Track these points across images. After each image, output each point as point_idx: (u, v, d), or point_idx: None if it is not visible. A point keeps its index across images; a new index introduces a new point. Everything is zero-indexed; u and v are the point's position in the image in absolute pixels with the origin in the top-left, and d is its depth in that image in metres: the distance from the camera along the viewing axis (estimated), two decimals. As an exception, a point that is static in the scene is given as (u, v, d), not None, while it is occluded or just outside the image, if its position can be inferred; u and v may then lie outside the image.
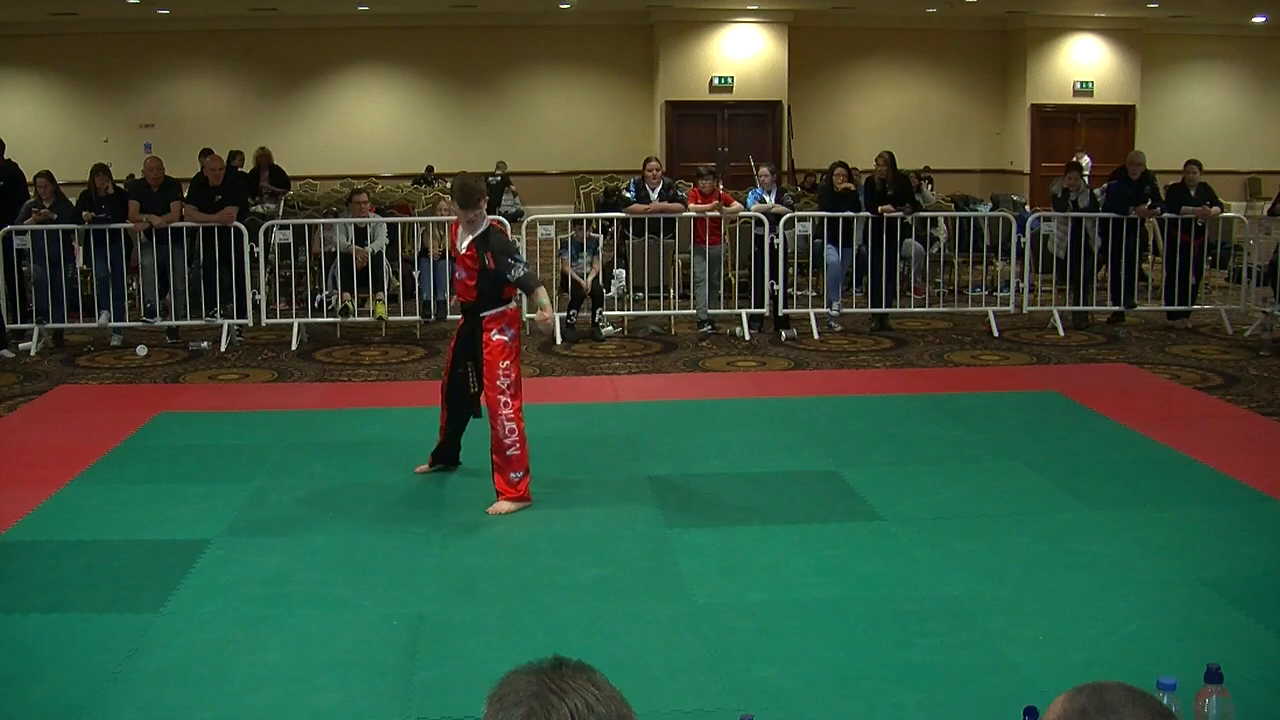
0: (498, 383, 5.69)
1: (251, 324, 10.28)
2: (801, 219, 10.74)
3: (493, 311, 5.78)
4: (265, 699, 3.80)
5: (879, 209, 10.59)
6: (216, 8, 19.42)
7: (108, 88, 20.47)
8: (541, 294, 5.79)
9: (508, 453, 5.68)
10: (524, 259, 5.89)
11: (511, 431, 5.68)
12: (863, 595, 4.63)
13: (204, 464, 6.43)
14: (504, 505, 5.70)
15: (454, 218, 6.06)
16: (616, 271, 10.79)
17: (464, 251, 5.77)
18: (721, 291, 10.97)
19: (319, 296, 10.49)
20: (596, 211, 13.73)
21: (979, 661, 4.04)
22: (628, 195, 10.80)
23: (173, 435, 7.06)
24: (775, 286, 10.50)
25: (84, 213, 9.91)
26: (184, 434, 7.08)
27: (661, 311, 10.83)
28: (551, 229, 10.80)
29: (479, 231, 5.76)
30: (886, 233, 10.64)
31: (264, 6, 19.25)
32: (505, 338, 5.75)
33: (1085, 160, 18.04)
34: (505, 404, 5.67)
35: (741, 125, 21.25)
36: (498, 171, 19.83)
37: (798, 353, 9.81)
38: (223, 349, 9.85)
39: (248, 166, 15.82)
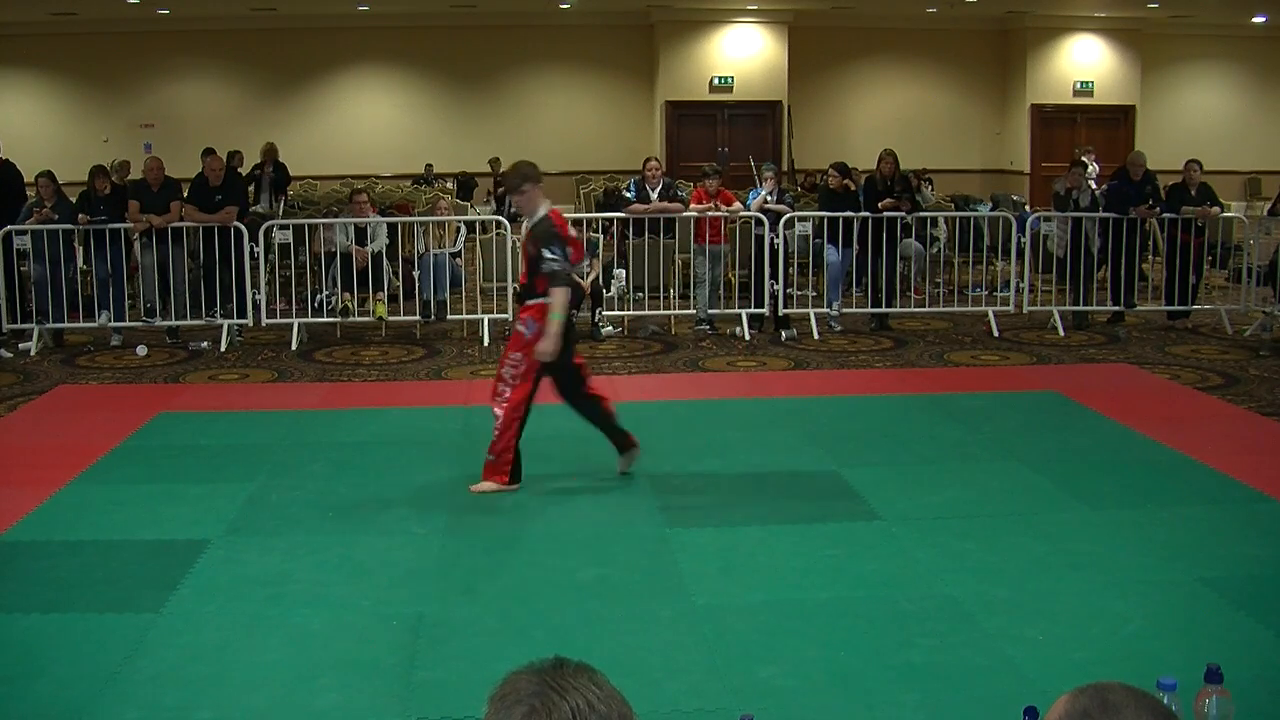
0: (503, 371, 5.85)
1: (251, 324, 10.27)
2: (801, 219, 10.74)
3: (533, 303, 5.85)
4: (265, 699, 3.80)
5: (880, 204, 10.59)
6: (216, 8, 19.41)
7: (108, 88, 20.47)
8: (555, 307, 5.70)
9: (492, 434, 5.88)
10: (561, 255, 5.74)
11: (497, 418, 5.85)
12: (863, 595, 4.63)
13: (204, 464, 6.43)
14: (483, 485, 5.90)
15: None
16: (616, 271, 10.79)
17: (524, 239, 5.92)
18: (721, 291, 10.97)
19: (319, 296, 10.48)
20: (596, 211, 13.74)
21: (979, 661, 4.04)
22: (628, 195, 10.80)
23: (173, 435, 7.06)
24: (775, 286, 10.50)
25: (80, 215, 9.91)
26: (184, 434, 7.08)
27: (661, 311, 10.83)
28: (551, 229, 10.78)
29: (535, 219, 5.87)
30: (886, 232, 10.64)
31: (264, 6, 19.25)
32: (526, 331, 5.82)
33: (1094, 167, 18.02)
34: (503, 393, 5.83)
35: (741, 125, 21.25)
36: (500, 174, 19.70)
37: (798, 353, 9.81)
38: (223, 349, 9.85)
39: (248, 165, 15.86)
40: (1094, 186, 11.92)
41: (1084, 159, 13.76)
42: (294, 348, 9.95)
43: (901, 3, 20.48)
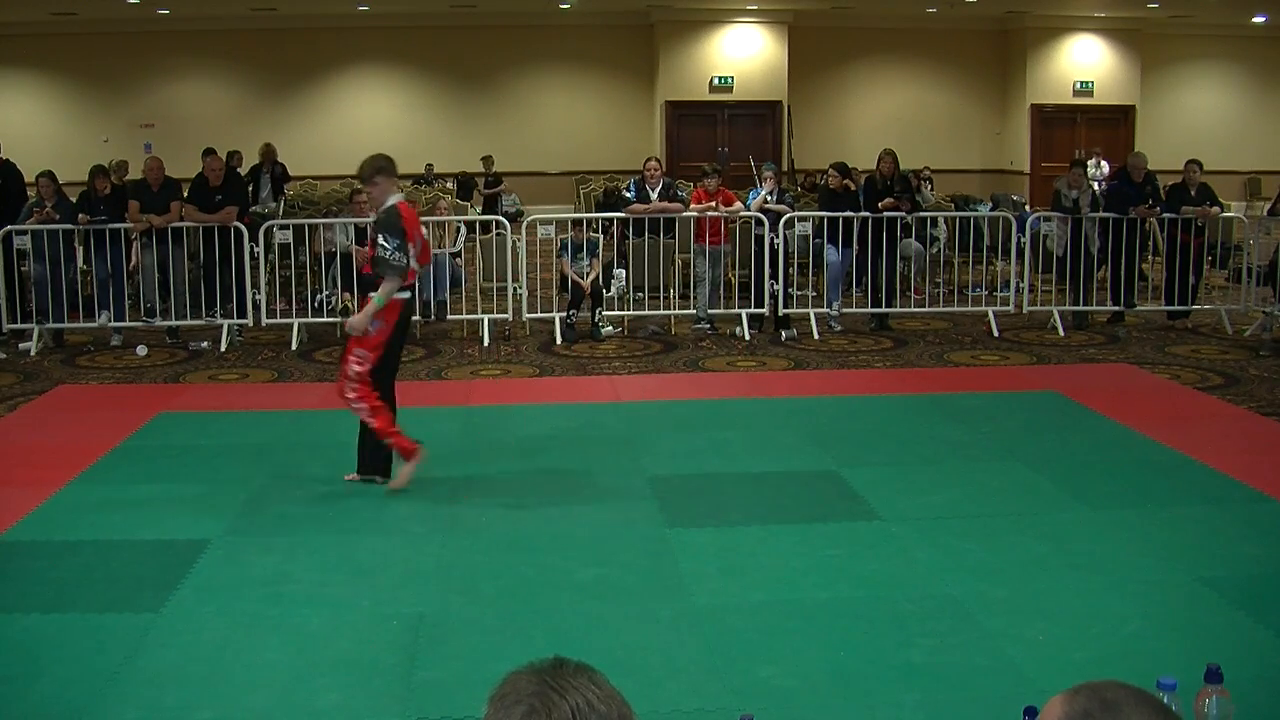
0: (349, 369, 5.85)
1: (251, 324, 10.28)
2: (801, 219, 10.74)
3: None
4: (265, 699, 3.80)
5: (880, 204, 10.59)
6: (216, 8, 19.42)
7: (108, 88, 20.48)
8: (377, 296, 5.74)
9: (371, 428, 5.87)
10: (395, 246, 5.73)
11: (359, 411, 5.87)
12: (863, 595, 4.63)
13: (204, 464, 6.43)
14: (400, 475, 5.90)
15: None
16: (616, 271, 10.80)
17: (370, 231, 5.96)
18: (721, 291, 10.98)
19: (319, 296, 10.49)
20: (596, 211, 13.74)
21: (979, 661, 4.04)
22: (628, 195, 10.79)
23: (173, 435, 7.06)
24: (775, 286, 10.50)
25: (80, 215, 9.91)
26: (184, 434, 7.08)
27: (661, 311, 10.83)
28: (551, 229, 10.80)
29: (381, 210, 5.90)
30: (886, 232, 10.64)
31: (264, 6, 19.25)
32: (371, 328, 5.82)
33: (1103, 167, 18.02)
34: (353, 389, 5.84)
35: (741, 125, 21.26)
36: (490, 172, 19.64)
37: (798, 353, 9.81)
38: (223, 349, 9.85)
39: (248, 165, 15.87)
40: (1097, 187, 11.90)
41: (1086, 159, 13.77)
42: (294, 348, 9.95)
43: (901, 3, 20.48)
